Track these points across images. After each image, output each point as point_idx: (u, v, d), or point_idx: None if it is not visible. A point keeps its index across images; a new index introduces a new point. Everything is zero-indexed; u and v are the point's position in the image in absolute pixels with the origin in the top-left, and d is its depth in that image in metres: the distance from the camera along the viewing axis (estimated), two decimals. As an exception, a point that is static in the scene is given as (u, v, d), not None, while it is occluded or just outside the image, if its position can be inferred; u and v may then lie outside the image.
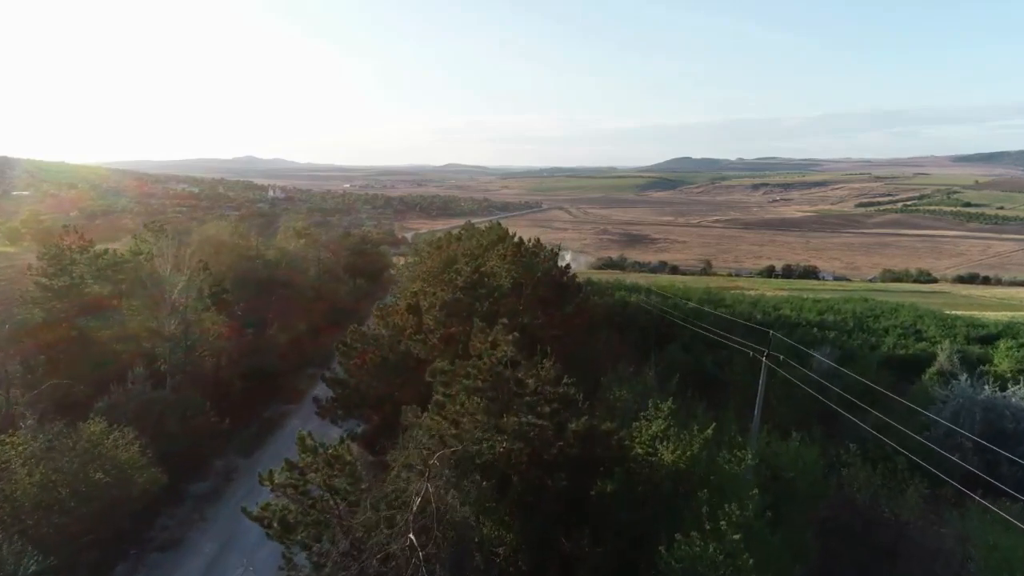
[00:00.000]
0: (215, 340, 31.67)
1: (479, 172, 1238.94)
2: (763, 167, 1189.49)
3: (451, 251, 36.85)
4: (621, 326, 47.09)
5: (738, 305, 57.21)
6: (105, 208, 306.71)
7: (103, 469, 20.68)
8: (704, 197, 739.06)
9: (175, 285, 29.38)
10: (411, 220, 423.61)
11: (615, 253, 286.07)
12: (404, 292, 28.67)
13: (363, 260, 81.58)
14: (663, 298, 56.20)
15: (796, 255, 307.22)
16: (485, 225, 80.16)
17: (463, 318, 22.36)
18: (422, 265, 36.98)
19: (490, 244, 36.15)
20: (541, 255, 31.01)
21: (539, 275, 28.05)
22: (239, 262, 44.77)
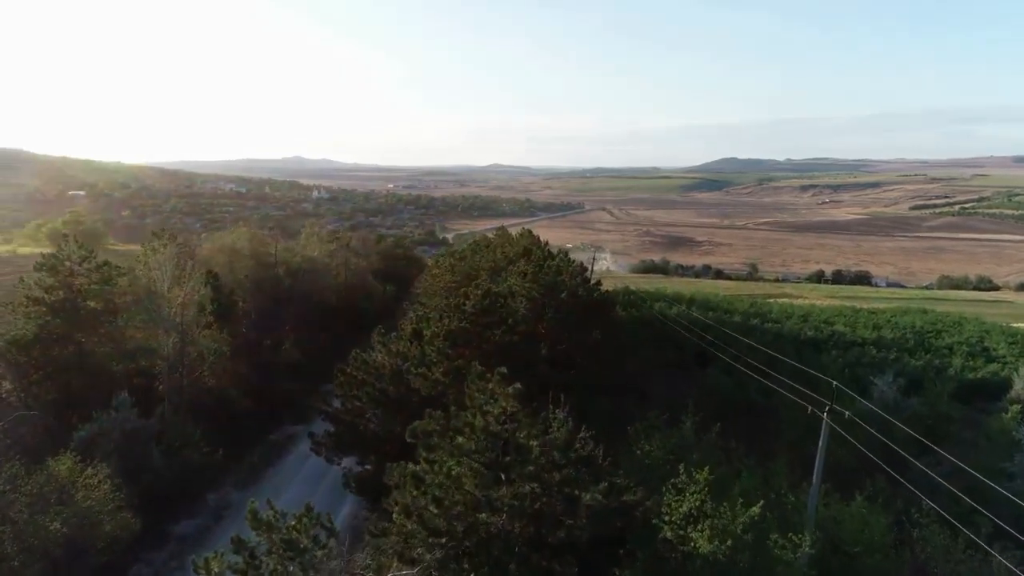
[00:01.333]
0: (215, 360, 29.52)
1: (522, 172, 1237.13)
2: (812, 167, 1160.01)
3: (473, 262, 34.15)
4: (658, 342, 43.75)
5: (787, 320, 53.06)
6: (155, 207, 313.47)
7: (61, 517, 18.50)
8: (750, 198, 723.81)
9: (174, 301, 27.38)
10: (453, 221, 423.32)
11: (657, 256, 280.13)
12: (413, 313, 26.04)
13: (395, 265, 79.48)
14: (705, 310, 52.56)
15: (846, 259, 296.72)
16: (518, 231, 77.60)
17: (473, 348, 19.63)
18: (441, 278, 34.43)
19: (515, 256, 33.38)
20: (566, 272, 27.97)
21: (564, 295, 25.09)
22: (256, 270, 42.88)
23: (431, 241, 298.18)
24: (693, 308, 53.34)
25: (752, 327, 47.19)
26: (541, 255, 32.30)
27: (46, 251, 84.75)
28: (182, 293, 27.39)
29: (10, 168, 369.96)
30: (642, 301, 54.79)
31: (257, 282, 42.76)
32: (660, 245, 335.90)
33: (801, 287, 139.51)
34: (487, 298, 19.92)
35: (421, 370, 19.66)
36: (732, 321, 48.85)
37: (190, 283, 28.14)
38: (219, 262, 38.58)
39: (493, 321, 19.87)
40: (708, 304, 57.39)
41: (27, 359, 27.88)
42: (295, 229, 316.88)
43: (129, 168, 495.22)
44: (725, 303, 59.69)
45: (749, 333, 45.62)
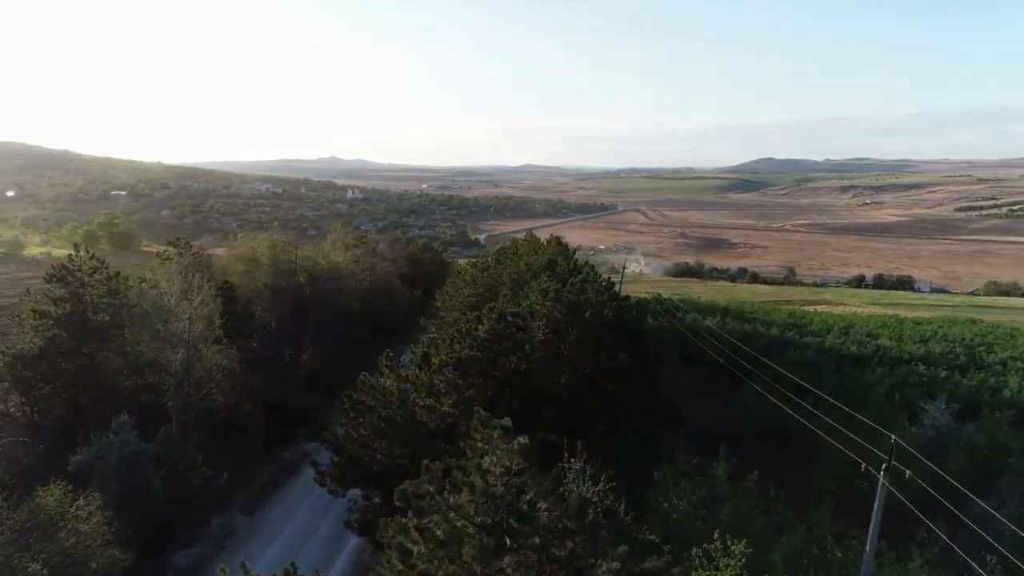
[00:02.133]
0: (224, 376, 28.29)
1: (555, 172, 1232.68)
2: (852, 168, 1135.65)
3: (495, 273, 32.51)
4: (690, 357, 41.55)
5: (827, 333, 50.28)
6: (193, 207, 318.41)
7: (43, 556, 17.38)
8: (788, 199, 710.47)
9: (182, 315, 26.31)
10: (485, 221, 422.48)
11: (692, 258, 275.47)
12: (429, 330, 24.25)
13: (422, 269, 78.23)
14: (740, 321, 50.11)
15: (888, 262, 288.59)
16: (547, 236, 75.77)
17: (485, 377, 18.05)
18: (463, 290, 32.87)
19: (539, 268, 31.68)
20: (591, 287, 26.12)
21: (588, 314, 23.33)
22: (276, 279, 41.83)
23: (463, 242, 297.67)
24: (728, 319, 50.91)
25: (790, 341, 44.68)
26: (566, 267, 30.55)
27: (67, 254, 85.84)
28: (190, 307, 26.33)
29: (57, 168, 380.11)
30: (674, 312, 52.60)
31: (277, 291, 41.72)
32: (694, 247, 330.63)
33: (841, 293, 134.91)
34: (501, 322, 18.30)
35: (429, 401, 18.14)
36: (769, 334, 46.40)
37: (199, 297, 27.04)
38: (237, 271, 37.61)
39: (508, 347, 18.29)
40: (743, 315, 54.85)
41: (33, 374, 27.09)
42: (329, 229, 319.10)
43: (170, 168, 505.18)
44: (761, 313, 57.12)
45: (787, 348, 43.21)
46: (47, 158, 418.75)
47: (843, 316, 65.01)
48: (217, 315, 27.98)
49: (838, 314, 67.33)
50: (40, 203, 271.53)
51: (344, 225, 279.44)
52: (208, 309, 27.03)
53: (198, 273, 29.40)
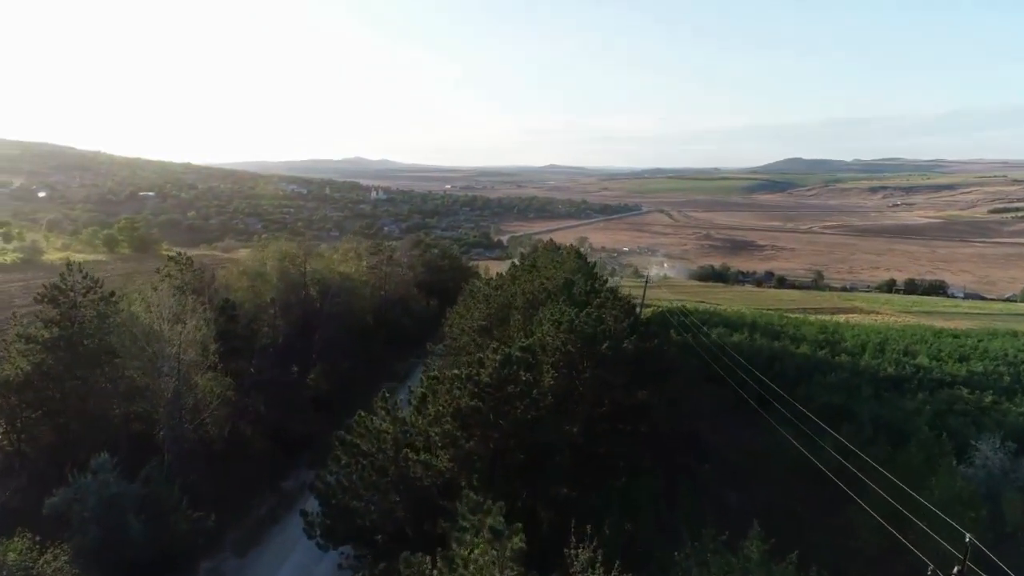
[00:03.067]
0: (219, 406, 26.52)
1: (578, 173, 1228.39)
2: (882, 168, 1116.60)
3: (509, 292, 30.50)
4: (716, 378, 39.22)
5: (863, 352, 47.42)
6: (219, 208, 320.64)
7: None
8: (816, 200, 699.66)
9: (174, 340, 24.69)
10: (508, 222, 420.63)
11: (717, 261, 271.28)
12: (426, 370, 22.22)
13: (440, 277, 76.44)
14: (769, 337, 47.50)
15: (919, 266, 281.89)
16: (570, 240, 73.84)
17: (487, 427, 16.08)
18: (475, 308, 30.87)
19: (555, 288, 29.55)
20: (610, 314, 23.92)
21: (606, 347, 21.18)
22: (283, 293, 40.24)
23: (485, 243, 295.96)
24: (756, 335, 48.33)
25: (823, 361, 42.03)
26: (584, 288, 28.44)
27: (99, 259, 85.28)
28: (183, 331, 24.70)
29: (88, 169, 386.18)
30: (698, 327, 50.16)
31: (285, 305, 40.20)
32: (720, 249, 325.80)
33: (873, 300, 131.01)
34: (507, 366, 16.36)
35: (424, 456, 16.21)
36: (799, 353, 43.74)
37: (192, 320, 25.39)
38: (241, 286, 36.01)
39: (514, 393, 16.35)
40: (772, 329, 52.16)
41: (19, 401, 25.68)
42: (352, 230, 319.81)
43: (198, 169, 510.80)
44: (791, 327, 54.34)
45: (820, 369, 40.62)
46: (79, 159, 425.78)
47: (877, 329, 62.07)
48: (212, 340, 26.26)
49: (871, 326, 64.41)
50: (70, 203, 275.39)
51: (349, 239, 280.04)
52: (202, 334, 25.35)
53: (193, 294, 27.83)
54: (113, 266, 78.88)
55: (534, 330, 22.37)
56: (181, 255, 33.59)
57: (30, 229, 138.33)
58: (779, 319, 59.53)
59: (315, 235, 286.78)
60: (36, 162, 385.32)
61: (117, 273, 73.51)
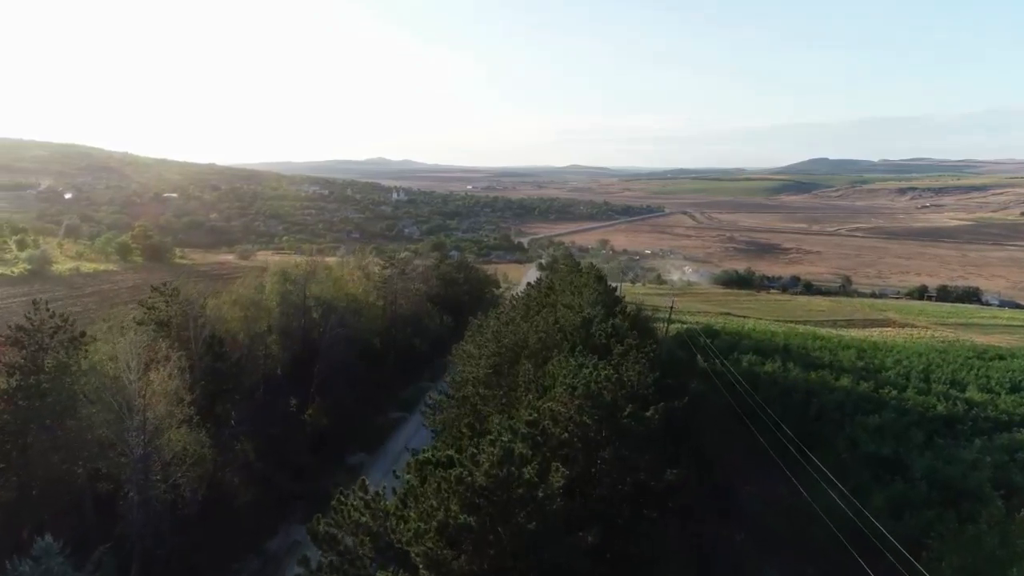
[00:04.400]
0: (194, 464, 23.63)
1: (600, 173, 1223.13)
2: (910, 168, 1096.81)
3: (520, 331, 27.58)
4: (749, 412, 36.17)
5: (905, 386, 43.47)
6: (241, 210, 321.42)
7: None
8: (842, 202, 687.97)
9: (143, 391, 22.13)
10: (530, 224, 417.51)
11: (741, 264, 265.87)
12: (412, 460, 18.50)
13: (455, 291, 73.66)
14: (804, 366, 44.08)
15: (951, 271, 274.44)
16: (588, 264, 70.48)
17: (480, 544, 13.23)
18: (484, 348, 27.87)
19: (572, 329, 26.55)
20: (633, 368, 20.94)
21: (626, 417, 18.16)
22: (282, 319, 37.75)
23: (506, 246, 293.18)
24: (790, 365, 44.99)
25: (866, 398, 38.66)
26: (604, 329, 25.56)
27: (110, 268, 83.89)
28: (154, 381, 22.20)
29: (115, 171, 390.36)
30: (728, 354, 46.91)
31: (285, 332, 37.81)
32: (744, 252, 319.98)
33: (906, 310, 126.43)
34: (507, 463, 13.56)
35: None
36: (839, 387, 40.42)
37: (164, 369, 22.88)
38: (233, 317, 33.50)
39: (515, 499, 13.57)
40: (807, 356, 48.73)
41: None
42: (374, 232, 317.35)
43: (222, 170, 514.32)
44: (826, 351, 50.76)
45: (863, 407, 37.35)
46: (107, 160, 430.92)
47: (918, 350, 58.34)
48: (186, 390, 23.62)
49: (911, 347, 60.55)
50: (95, 205, 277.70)
51: (388, 228, 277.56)
52: (175, 384, 22.81)
53: (176, 330, 25.35)
54: (123, 276, 77.50)
55: (545, 392, 19.61)
56: (166, 285, 31.16)
57: (49, 233, 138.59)
58: (812, 341, 55.94)
59: (335, 237, 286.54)
60: (64, 163, 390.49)
61: (126, 285, 72.07)
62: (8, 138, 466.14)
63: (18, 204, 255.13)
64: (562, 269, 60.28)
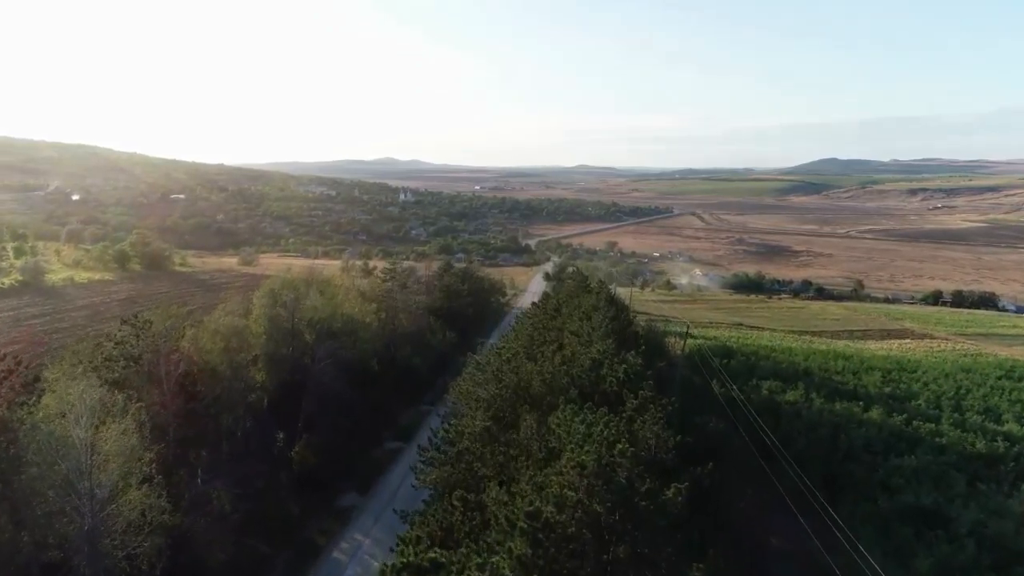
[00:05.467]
0: (154, 530, 20.75)
1: (609, 174, 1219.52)
2: (921, 169, 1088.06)
3: (522, 371, 24.83)
4: (774, 445, 33.36)
5: (938, 417, 40.39)
6: (248, 211, 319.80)
7: None
8: (853, 203, 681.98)
9: (98, 449, 19.50)
10: (537, 225, 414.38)
11: (751, 267, 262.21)
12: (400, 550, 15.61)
13: (459, 303, 70.94)
14: (830, 395, 40.99)
15: (964, 274, 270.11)
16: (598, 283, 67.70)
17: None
18: (484, 387, 25.18)
19: (579, 374, 23.81)
20: (651, 431, 18.19)
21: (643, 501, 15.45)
22: (270, 345, 35.05)
23: (513, 248, 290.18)
24: (813, 395, 42.04)
25: (898, 434, 35.75)
26: (616, 375, 22.80)
27: (106, 277, 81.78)
28: (110, 438, 19.59)
29: (125, 171, 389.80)
30: (745, 379, 44.11)
31: (273, 359, 35.16)
32: (754, 255, 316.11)
33: (923, 319, 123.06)
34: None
35: None
36: (869, 420, 37.52)
37: (120, 424, 20.25)
38: (214, 348, 30.79)
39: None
40: (830, 380, 45.82)
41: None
42: (380, 233, 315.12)
43: (231, 170, 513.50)
44: (851, 376, 47.79)
45: (896, 445, 34.57)
46: (117, 160, 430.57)
47: (944, 370, 55.43)
48: (144, 447, 20.87)
49: (937, 365, 57.62)
50: (103, 206, 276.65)
51: (395, 230, 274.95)
52: (132, 441, 20.11)
53: (123, 391, 22.32)
54: (118, 287, 75.18)
55: (549, 457, 17.06)
56: (137, 318, 28.48)
57: (53, 237, 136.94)
58: (834, 361, 52.94)
59: (342, 239, 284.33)
60: (74, 164, 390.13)
61: (119, 297, 69.67)
62: (22, 139, 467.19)
63: (26, 205, 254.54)
64: (570, 284, 57.56)
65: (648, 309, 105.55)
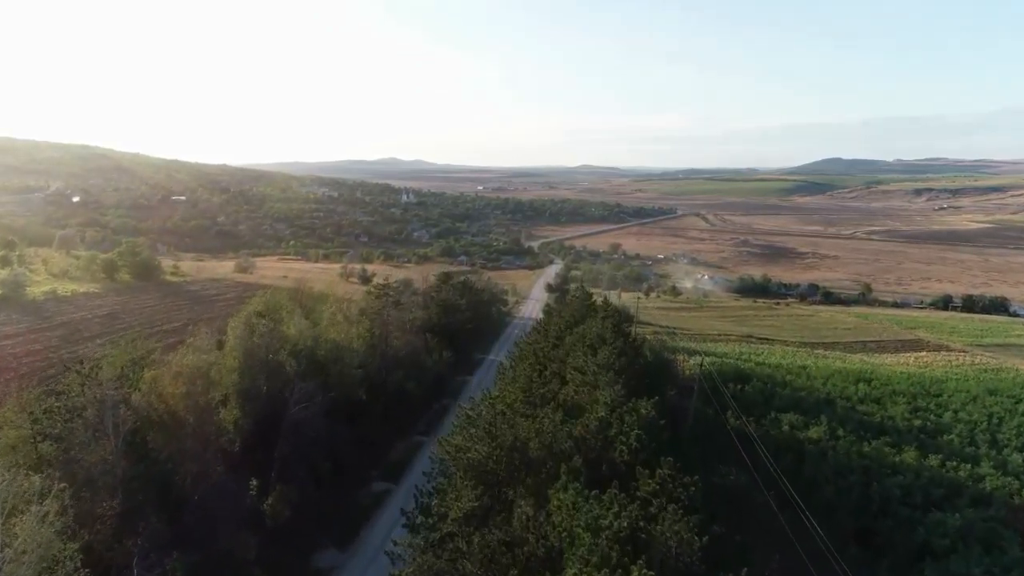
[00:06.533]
0: None
1: (612, 174, 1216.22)
2: (925, 169, 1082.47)
3: (521, 430, 21.50)
4: (801, 491, 30.04)
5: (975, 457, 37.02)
6: (249, 213, 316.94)
7: None
8: (857, 203, 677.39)
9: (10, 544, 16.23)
10: (540, 226, 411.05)
11: (756, 269, 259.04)
12: None
13: (457, 318, 67.69)
14: (856, 431, 37.42)
15: (973, 277, 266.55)
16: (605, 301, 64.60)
17: None
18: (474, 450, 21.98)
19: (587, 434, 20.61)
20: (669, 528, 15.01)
21: None
22: (243, 381, 31.73)
23: (516, 250, 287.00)
24: (837, 426, 38.66)
25: (938, 480, 32.25)
26: (629, 441, 19.63)
27: (92, 289, 78.48)
28: (23, 531, 16.31)
29: (126, 172, 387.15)
30: (763, 410, 40.74)
31: (248, 395, 31.89)
32: (759, 257, 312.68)
33: (937, 328, 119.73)
34: None
35: None
36: (903, 465, 34.05)
37: (40, 510, 16.86)
38: (175, 393, 27.32)
39: None
40: (854, 411, 42.35)
41: None
42: (382, 235, 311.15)
43: (233, 171, 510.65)
44: (876, 404, 44.26)
45: (934, 492, 31.30)
46: (119, 161, 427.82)
47: (969, 388, 52.13)
48: (70, 534, 17.41)
49: (962, 385, 54.17)
50: (103, 208, 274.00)
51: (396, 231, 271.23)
52: (48, 533, 16.58)
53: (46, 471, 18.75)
54: (102, 301, 71.76)
55: (547, 557, 14.14)
56: (82, 364, 25.11)
57: (47, 242, 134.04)
58: (855, 386, 49.49)
59: (343, 241, 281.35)
60: (76, 165, 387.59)
61: (101, 313, 66.16)
62: (24, 139, 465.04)
63: (26, 207, 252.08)
64: (573, 303, 54.35)
65: (653, 318, 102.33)
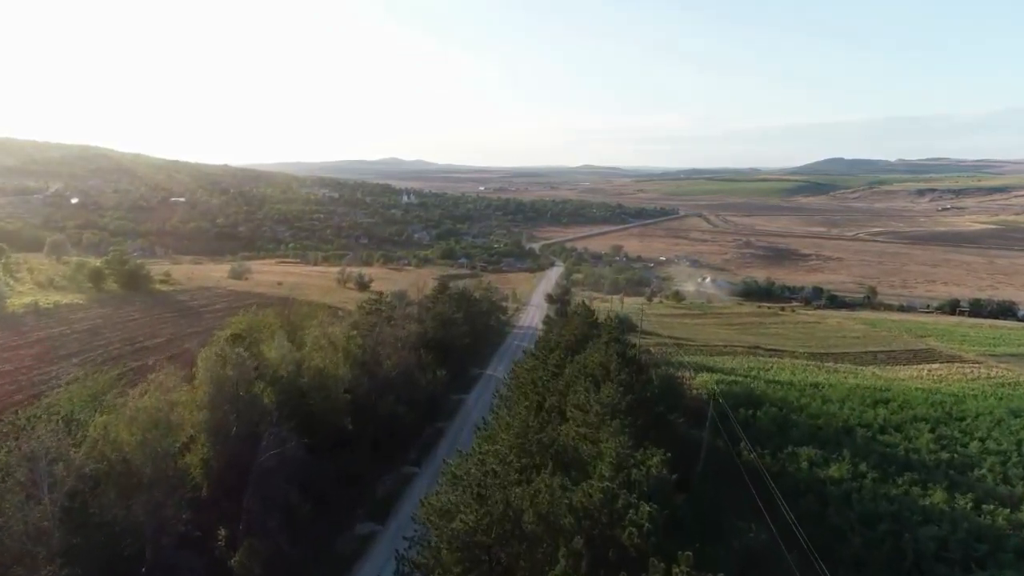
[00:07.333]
0: None
1: (613, 174, 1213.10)
2: (928, 169, 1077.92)
3: (515, 498, 18.61)
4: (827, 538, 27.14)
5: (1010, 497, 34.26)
6: (248, 215, 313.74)
7: None
8: (860, 204, 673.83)
9: None
10: (541, 227, 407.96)
11: (759, 271, 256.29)
12: None
13: (455, 331, 64.85)
14: (879, 463, 34.56)
15: (979, 279, 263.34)
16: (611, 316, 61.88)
17: None
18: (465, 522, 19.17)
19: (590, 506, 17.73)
20: None
21: None
22: (213, 417, 28.80)
23: (517, 252, 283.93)
24: (859, 462, 35.70)
25: (975, 530, 29.20)
26: (637, 524, 16.84)
27: (75, 301, 75.62)
28: None
29: (127, 172, 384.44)
30: (779, 443, 37.79)
31: (216, 435, 28.92)
32: (762, 259, 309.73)
33: (946, 335, 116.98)
34: None
35: None
36: (934, 508, 31.05)
37: None
38: (129, 440, 24.24)
39: None
40: (876, 443, 39.36)
41: None
42: (383, 236, 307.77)
43: (234, 171, 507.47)
44: (900, 438, 41.18)
45: (973, 546, 28.39)
46: (119, 162, 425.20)
47: (992, 409, 49.26)
48: None
49: (984, 406, 51.32)
50: (102, 210, 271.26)
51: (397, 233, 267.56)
52: None
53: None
54: (85, 314, 68.73)
55: None
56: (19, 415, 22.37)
57: (39, 247, 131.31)
58: (874, 411, 46.58)
59: (343, 243, 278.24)
60: (76, 166, 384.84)
61: (82, 328, 62.85)
62: (26, 140, 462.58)
63: (24, 209, 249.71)
64: (575, 322, 51.51)
65: (657, 326, 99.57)
